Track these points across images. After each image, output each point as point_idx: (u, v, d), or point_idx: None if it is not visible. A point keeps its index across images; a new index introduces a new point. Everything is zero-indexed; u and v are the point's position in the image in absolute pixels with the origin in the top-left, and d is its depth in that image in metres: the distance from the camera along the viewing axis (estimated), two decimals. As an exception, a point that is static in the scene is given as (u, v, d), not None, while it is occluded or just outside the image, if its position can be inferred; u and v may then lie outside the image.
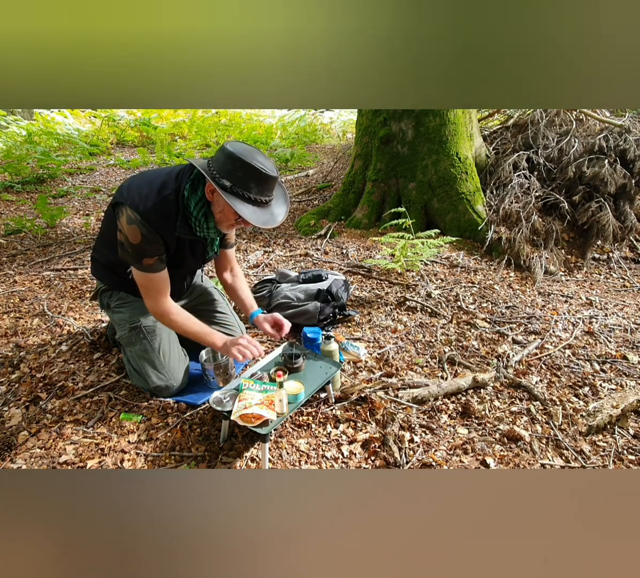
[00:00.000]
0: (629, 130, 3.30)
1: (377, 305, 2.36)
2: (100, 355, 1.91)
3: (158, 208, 1.37)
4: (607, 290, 2.68)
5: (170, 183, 1.40)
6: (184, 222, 1.41)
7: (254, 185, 1.29)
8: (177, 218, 1.40)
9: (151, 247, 1.40)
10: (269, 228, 1.66)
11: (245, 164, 1.26)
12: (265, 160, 1.30)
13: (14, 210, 4.23)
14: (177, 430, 1.51)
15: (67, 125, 6.99)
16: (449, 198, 3.25)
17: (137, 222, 1.35)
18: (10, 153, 5.61)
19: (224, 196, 1.27)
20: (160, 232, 1.39)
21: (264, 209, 1.36)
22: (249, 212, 1.30)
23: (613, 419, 1.57)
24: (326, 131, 7.80)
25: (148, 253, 1.40)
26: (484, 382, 1.73)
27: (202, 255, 1.62)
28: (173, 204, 1.39)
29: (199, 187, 1.40)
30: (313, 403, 1.62)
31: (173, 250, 1.48)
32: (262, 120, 8.54)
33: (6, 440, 1.47)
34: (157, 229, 1.38)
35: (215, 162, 1.30)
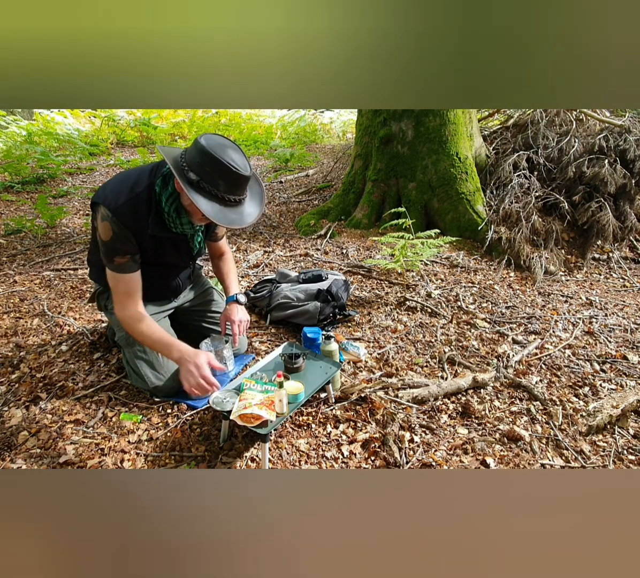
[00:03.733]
0: (629, 130, 3.30)
1: (377, 305, 2.36)
2: (100, 355, 1.91)
3: (130, 205, 1.34)
4: (607, 290, 2.68)
5: (144, 180, 1.38)
6: (157, 219, 1.39)
7: (223, 182, 1.23)
8: (150, 215, 1.37)
9: (122, 244, 1.37)
10: (237, 228, 1.62)
11: (215, 160, 1.20)
12: (239, 158, 1.25)
13: (14, 210, 4.23)
14: (177, 430, 1.51)
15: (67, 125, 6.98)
16: (449, 198, 3.25)
17: (108, 219, 1.33)
18: (10, 153, 5.61)
19: (186, 190, 1.22)
20: (132, 230, 1.37)
21: (232, 208, 1.30)
22: (212, 209, 1.24)
23: (613, 419, 1.57)
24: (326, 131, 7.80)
25: (119, 251, 1.38)
26: (484, 382, 1.73)
27: (188, 253, 1.60)
28: (145, 200, 1.36)
29: (170, 181, 1.37)
30: (313, 403, 1.62)
31: (152, 249, 1.46)
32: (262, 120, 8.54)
33: (6, 440, 1.47)
34: (128, 227, 1.36)
35: (188, 154, 1.26)
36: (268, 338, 2.06)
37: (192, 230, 1.47)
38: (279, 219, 3.90)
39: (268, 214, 4.01)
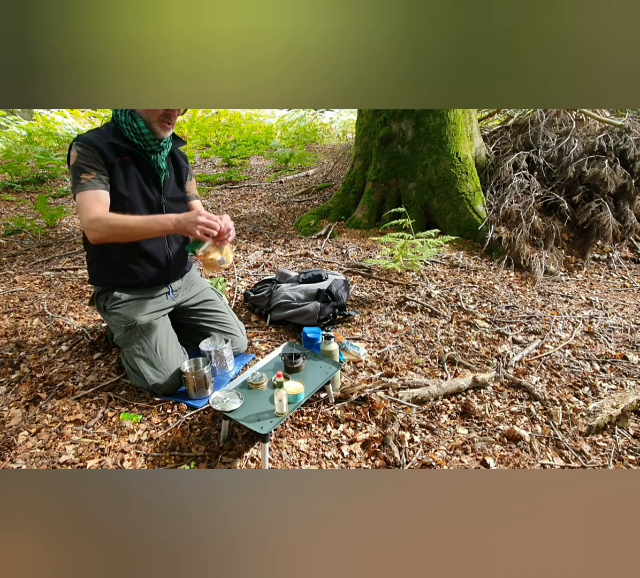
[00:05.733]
0: (629, 130, 3.29)
1: (377, 305, 2.36)
2: (100, 355, 1.91)
3: (93, 130, 1.52)
4: (607, 290, 2.68)
5: None
6: (115, 131, 1.51)
7: None
8: (110, 131, 1.51)
9: (87, 161, 1.45)
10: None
11: None
12: None
13: (14, 210, 4.23)
14: (177, 430, 1.51)
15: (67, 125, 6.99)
16: (449, 198, 3.25)
17: (74, 146, 1.46)
18: (10, 153, 5.61)
19: None
20: (95, 147, 1.45)
21: None
22: None
23: (613, 419, 1.57)
24: (326, 131, 7.80)
25: (85, 168, 1.45)
26: (484, 382, 1.73)
27: (154, 181, 1.62)
28: (106, 125, 1.54)
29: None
30: (313, 403, 1.62)
31: (119, 174, 1.51)
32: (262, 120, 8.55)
33: (6, 440, 1.47)
34: (92, 145, 1.45)
35: None
36: (268, 338, 2.06)
37: (154, 142, 1.54)
38: (279, 219, 3.90)
39: (268, 214, 4.01)
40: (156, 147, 1.56)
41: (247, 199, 4.54)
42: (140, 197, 1.59)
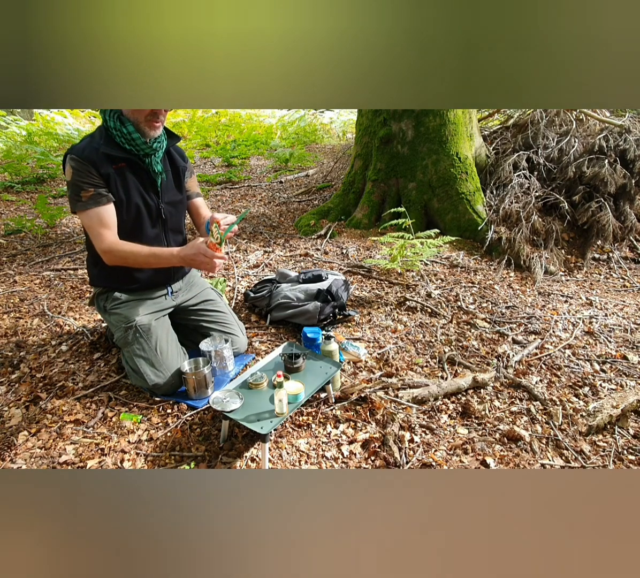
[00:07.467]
0: (629, 130, 3.29)
1: (377, 305, 2.36)
2: (100, 355, 1.91)
3: (86, 141, 1.50)
4: (607, 290, 2.68)
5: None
6: (107, 138, 1.49)
7: None
8: (102, 139, 1.49)
9: (84, 177, 1.45)
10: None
11: None
12: None
13: (14, 210, 4.23)
14: (177, 430, 1.51)
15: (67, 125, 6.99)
16: (449, 198, 3.25)
17: (68, 160, 1.46)
18: (10, 153, 5.61)
19: None
20: (91, 162, 1.45)
21: None
22: None
23: (613, 419, 1.57)
24: (326, 131, 7.80)
25: (83, 185, 1.45)
26: (484, 382, 1.73)
27: (152, 186, 1.61)
28: (98, 133, 1.51)
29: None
30: (313, 403, 1.62)
31: (117, 183, 1.50)
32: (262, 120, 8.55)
33: (6, 440, 1.47)
34: (86, 158, 1.44)
35: None
36: (268, 338, 2.06)
37: (146, 146, 1.52)
38: (279, 219, 3.90)
39: (268, 214, 4.01)
40: (149, 150, 1.54)
41: (247, 199, 4.54)
42: (140, 203, 1.59)
